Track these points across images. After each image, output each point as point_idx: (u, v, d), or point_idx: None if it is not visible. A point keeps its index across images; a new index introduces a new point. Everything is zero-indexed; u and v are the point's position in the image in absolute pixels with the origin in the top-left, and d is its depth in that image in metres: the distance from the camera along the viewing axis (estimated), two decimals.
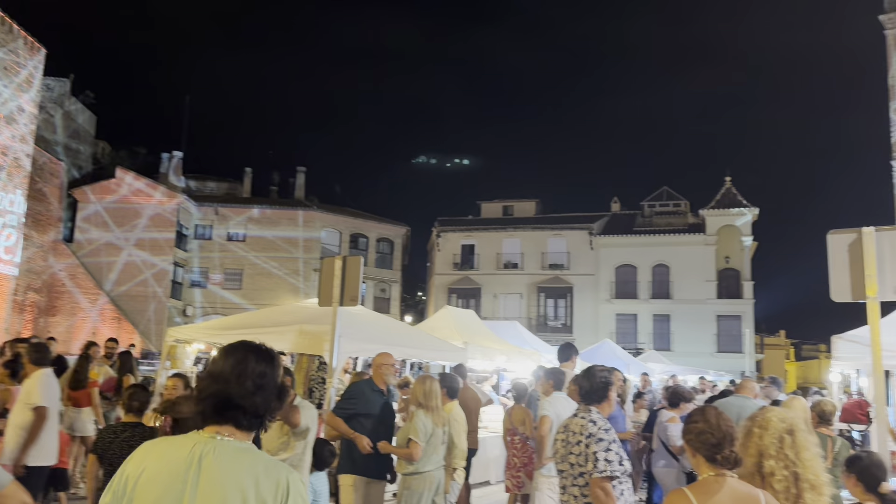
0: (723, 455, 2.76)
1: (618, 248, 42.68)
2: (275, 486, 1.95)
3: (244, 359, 2.05)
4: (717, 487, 2.69)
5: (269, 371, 2.07)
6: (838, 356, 6.74)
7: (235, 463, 1.95)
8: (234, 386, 2.00)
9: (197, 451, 1.95)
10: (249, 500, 1.90)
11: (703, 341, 39.72)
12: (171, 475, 1.93)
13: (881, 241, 5.35)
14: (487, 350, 11.98)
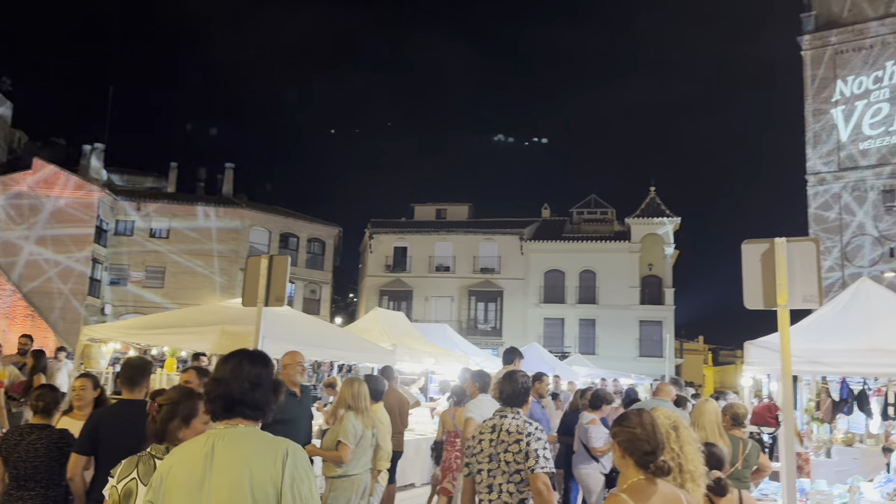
0: (656, 464, 2.87)
1: (547, 253, 43.43)
2: (273, 456, 2.32)
3: (240, 363, 2.45)
4: (651, 491, 2.83)
5: (263, 371, 2.47)
6: (750, 361, 7.02)
7: (240, 444, 2.34)
8: (234, 386, 2.40)
9: (210, 442, 2.34)
10: (253, 471, 2.28)
11: (627, 346, 40.84)
12: (192, 464, 2.32)
13: (792, 251, 5.53)
14: (416, 352, 11.98)
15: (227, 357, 2.50)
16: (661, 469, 2.86)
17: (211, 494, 2.26)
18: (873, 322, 6.90)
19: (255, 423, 2.42)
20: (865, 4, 38.98)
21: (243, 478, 2.26)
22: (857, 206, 37.88)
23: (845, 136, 38.58)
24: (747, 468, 5.67)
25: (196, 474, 2.29)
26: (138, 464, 2.97)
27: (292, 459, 2.33)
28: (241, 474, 2.27)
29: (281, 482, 2.28)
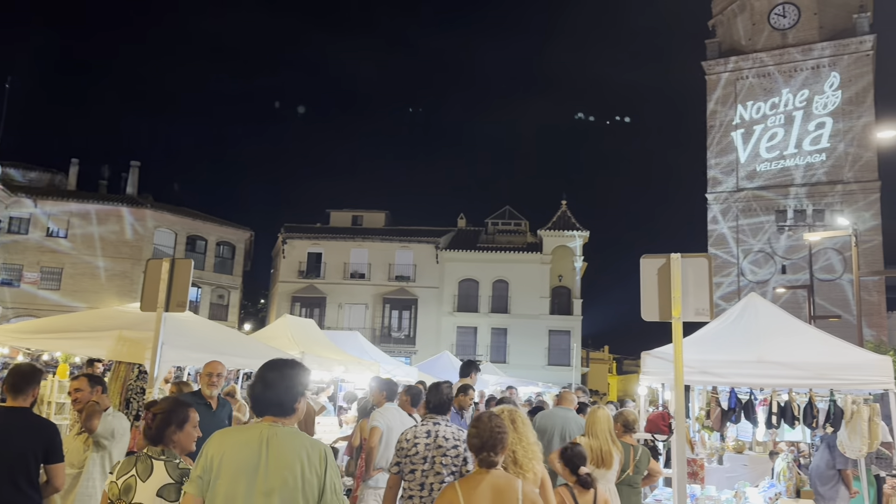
0: (480, 457, 3.44)
1: (462, 262, 43.82)
2: (318, 454, 2.87)
3: (276, 369, 2.98)
4: (480, 480, 3.36)
5: (297, 375, 2.99)
6: (647, 371, 7.30)
7: (292, 441, 2.85)
8: (281, 392, 2.91)
9: (265, 434, 2.83)
10: (305, 464, 2.80)
11: (536, 354, 41.65)
12: (248, 452, 2.80)
13: (686, 266, 5.76)
14: (325, 360, 11.77)
15: (268, 364, 3.01)
16: (484, 461, 3.41)
17: (268, 475, 2.77)
18: (760, 336, 7.31)
19: (291, 420, 2.95)
20: (764, 34, 41.50)
21: (296, 466, 2.79)
22: (753, 225, 40.13)
23: (744, 157, 40.85)
24: (638, 473, 5.87)
25: (253, 460, 2.79)
26: (137, 462, 3.33)
27: (330, 460, 2.90)
28: (295, 463, 2.80)
29: (325, 476, 2.85)
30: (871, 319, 35.20)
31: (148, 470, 3.28)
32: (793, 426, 7.50)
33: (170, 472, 3.29)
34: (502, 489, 3.31)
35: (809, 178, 38.98)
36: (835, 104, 38.74)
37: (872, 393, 7.96)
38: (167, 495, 3.22)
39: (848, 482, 7.42)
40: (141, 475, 3.27)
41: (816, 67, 39.56)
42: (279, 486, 2.74)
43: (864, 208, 37.23)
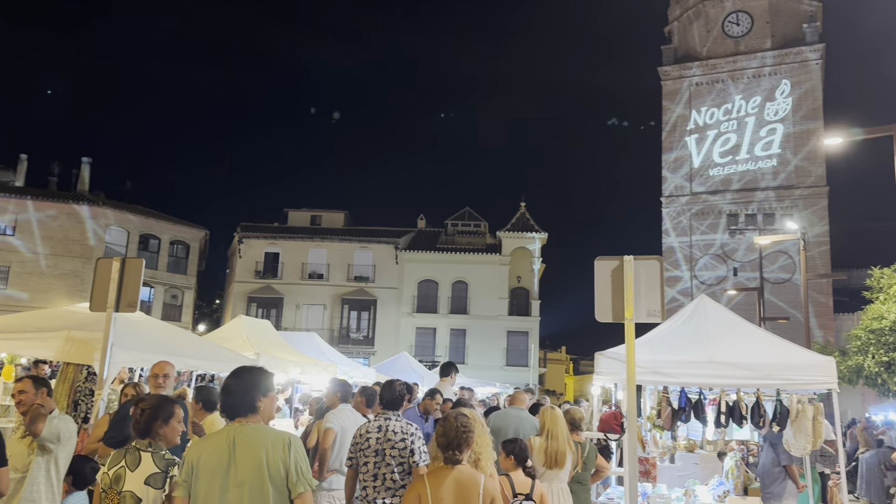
0: (446, 455, 3.77)
1: (421, 263, 43.81)
2: (281, 443, 3.22)
3: (248, 376, 3.38)
4: (446, 475, 3.72)
5: (255, 377, 3.38)
6: (600, 371, 7.40)
7: (256, 435, 3.22)
8: (239, 396, 3.31)
9: (231, 435, 3.22)
10: (269, 453, 3.16)
11: (495, 355, 41.88)
12: (219, 451, 3.18)
13: (639, 268, 5.84)
14: (281, 362, 11.65)
15: (235, 372, 3.42)
16: (449, 459, 3.75)
17: (238, 472, 3.13)
18: (710, 337, 7.47)
19: (257, 418, 3.31)
20: (718, 41, 42.45)
21: (261, 457, 3.14)
22: (705, 228, 41.02)
23: (697, 162, 41.72)
24: (586, 471, 5.96)
25: (223, 459, 3.16)
26: (126, 455, 3.62)
27: (294, 446, 3.23)
28: (260, 454, 3.15)
29: (289, 460, 3.18)
30: (820, 321, 36.29)
31: (136, 461, 3.59)
32: (741, 425, 7.69)
33: (156, 463, 3.59)
34: (465, 484, 3.68)
35: (760, 182, 40.00)
36: (785, 111, 39.83)
37: (817, 392, 8.22)
38: (154, 483, 3.54)
39: (794, 477, 7.64)
40: (130, 466, 3.57)
41: (768, 75, 40.63)
42: (249, 477, 3.12)
43: (813, 213, 38.35)
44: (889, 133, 12.48)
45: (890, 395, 15.90)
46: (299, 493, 3.17)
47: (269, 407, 3.37)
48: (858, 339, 16.12)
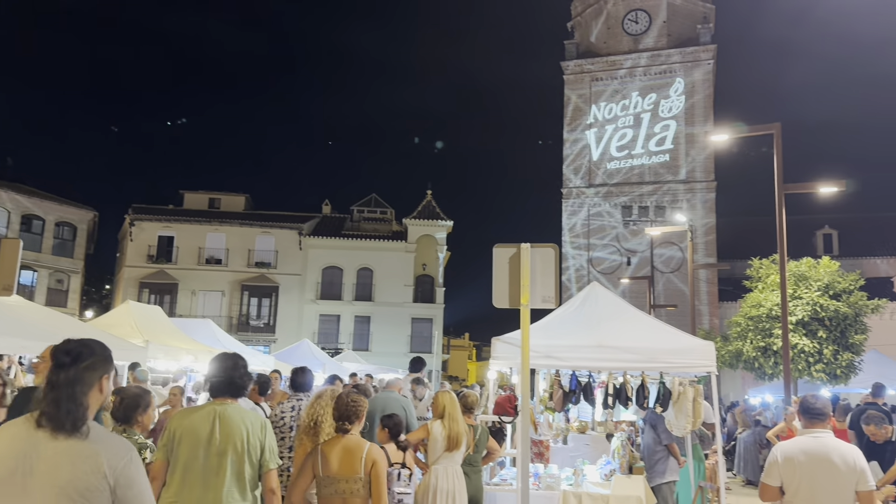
0: (338, 425, 4.46)
1: (326, 249, 43.22)
2: (259, 424, 3.76)
3: (230, 361, 3.89)
4: (337, 442, 4.40)
5: (240, 364, 3.89)
6: (496, 356, 7.57)
7: (239, 415, 3.70)
8: (222, 377, 3.81)
9: (217, 411, 3.69)
10: (249, 432, 3.66)
11: (399, 342, 41.98)
12: (202, 424, 3.64)
13: (535, 256, 5.97)
14: (172, 349, 11.25)
15: (217, 357, 3.94)
16: (340, 429, 4.44)
17: (219, 444, 3.60)
18: (600, 322, 7.77)
19: (236, 400, 3.81)
20: (619, 39, 43.97)
21: (242, 434, 3.63)
22: (602, 220, 42.57)
23: (596, 155, 43.18)
24: (478, 452, 6.09)
25: (206, 431, 3.62)
26: None
27: (268, 428, 3.77)
28: (241, 431, 3.64)
29: (265, 440, 3.72)
30: (706, 309, 38.47)
31: None
32: (626, 406, 8.04)
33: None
34: (352, 449, 4.34)
35: (654, 176, 41.86)
36: (679, 108, 41.78)
37: (698, 375, 8.71)
38: None
39: (676, 455, 8.08)
40: None
41: (663, 73, 42.45)
42: (230, 449, 3.59)
43: (702, 206, 40.52)
44: (770, 131, 13.29)
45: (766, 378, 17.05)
46: (269, 469, 3.73)
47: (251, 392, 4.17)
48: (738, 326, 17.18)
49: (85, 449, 2.30)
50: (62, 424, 2.30)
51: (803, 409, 4.49)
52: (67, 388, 2.35)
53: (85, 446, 2.31)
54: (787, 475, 4.31)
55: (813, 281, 15.77)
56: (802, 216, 38.47)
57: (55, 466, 2.26)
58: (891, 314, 32.51)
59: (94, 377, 2.45)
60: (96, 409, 2.50)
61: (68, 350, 2.45)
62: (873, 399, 10.33)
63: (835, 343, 15.14)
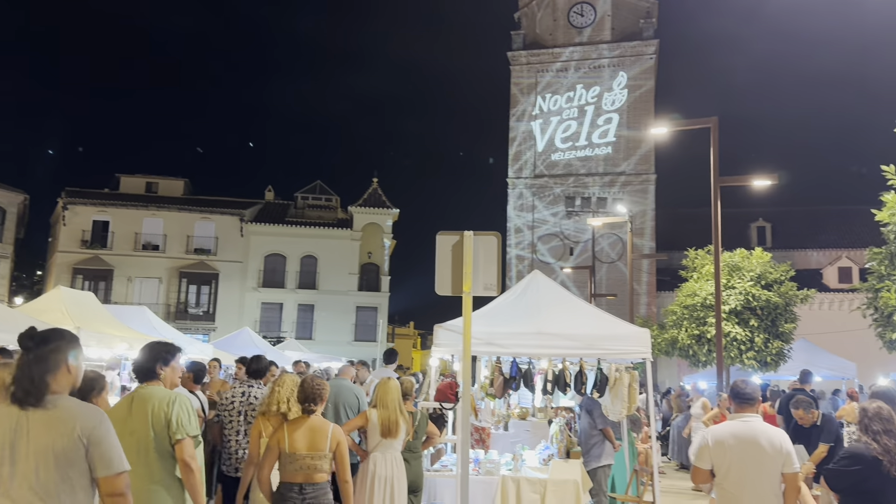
0: (303, 406, 4.80)
1: (269, 236, 42.55)
2: (167, 400, 3.91)
3: (143, 348, 4.18)
4: (302, 422, 4.74)
5: (153, 350, 4.15)
6: (438, 343, 7.59)
7: (149, 394, 3.94)
8: (136, 363, 4.12)
9: (133, 394, 4.02)
10: (155, 407, 3.86)
11: (343, 330, 41.73)
12: (122, 408, 3.95)
13: (478, 244, 5.98)
14: (105, 336, 10.87)
15: (147, 345, 4.21)
16: (306, 410, 4.77)
17: (132, 420, 3.84)
18: (541, 310, 7.86)
19: (153, 384, 4.03)
20: (564, 31, 44.39)
21: (148, 413, 3.85)
22: (546, 209, 43.10)
23: (541, 146, 43.63)
24: (418, 439, 6.11)
25: (124, 413, 3.87)
26: None
27: (177, 402, 3.92)
28: (147, 411, 3.85)
29: (170, 414, 3.86)
30: (644, 299, 39.42)
31: None
32: (565, 392, 8.17)
33: None
34: (316, 429, 4.69)
35: (597, 168, 42.56)
36: (621, 101, 42.51)
37: (634, 362, 8.91)
38: None
39: (611, 439, 8.27)
40: None
41: (607, 66, 43.10)
42: (139, 427, 3.81)
43: (642, 198, 41.42)
44: (707, 125, 13.62)
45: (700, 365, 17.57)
46: (177, 440, 3.82)
47: (172, 375, 4.15)
48: (674, 315, 17.65)
49: (59, 416, 2.72)
50: (26, 399, 2.72)
51: (733, 395, 4.63)
52: (28, 368, 2.75)
53: (59, 414, 2.73)
54: (717, 458, 4.44)
55: (746, 271, 16.31)
56: (738, 209, 39.71)
57: (34, 434, 2.68)
58: (819, 304, 33.97)
59: (59, 359, 2.83)
60: (68, 388, 2.86)
61: (31, 336, 2.84)
62: (801, 385, 10.76)
63: (766, 331, 15.72)
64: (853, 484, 4.40)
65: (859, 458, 4.39)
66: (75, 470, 2.70)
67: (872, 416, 4.43)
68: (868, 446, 4.37)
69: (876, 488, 4.25)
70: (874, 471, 4.26)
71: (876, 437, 4.33)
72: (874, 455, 4.30)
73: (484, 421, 9.73)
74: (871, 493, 4.28)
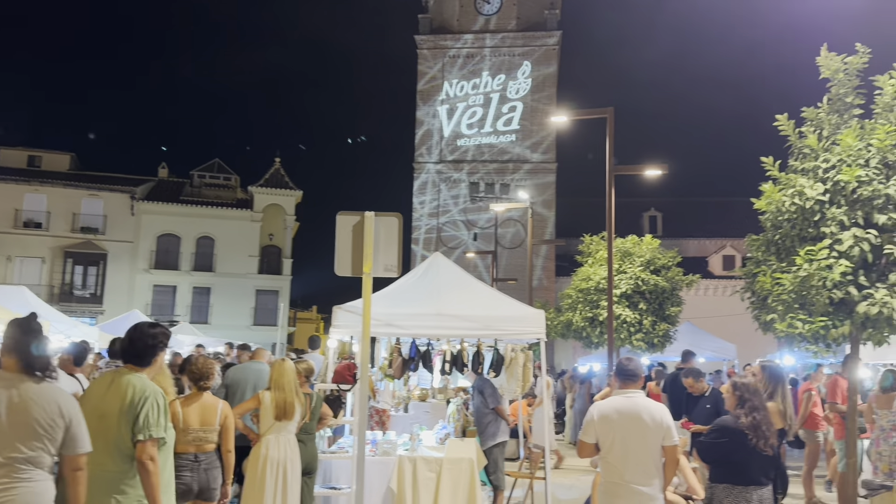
0: (198, 385, 5.26)
1: (162, 215, 40.81)
2: (141, 393, 3.75)
3: (134, 330, 4.01)
4: (195, 399, 5.20)
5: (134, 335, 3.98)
6: (337, 324, 7.53)
7: (128, 381, 3.78)
8: (126, 344, 3.96)
9: (113, 376, 3.85)
10: (130, 395, 3.72)
11: (242, 314, 40.69)
12: (99, 387, 3.85)
13: (378, 224, 5.96)
14: None
15: (142, 325, 4.06)
16: (202, 388, 5.25)
17: (104, 402, 3.73)
18: (441, 291, 7.94)
19: (136, 369, 3.89)
20: (471, 17, 44.66)
21: (123, 401, 3.72)
22: (451, 194, 43.48)
23: (447, 132, 43.88)
24: (313, 420, 6.07)
25: (101, 393, 3.79)
26: None
27: (151, 399, 3.78)
28: (123, 398, 3.73)
29: (140, 410, 3.73)
30: (544, 283, 40.55)
31: None
32: (462, 372, 8.31)
33: None
34: (208, 406, 5.16)
35: (501, 155, 43.27)
36: (525, 90, 43.30)
37: (530, 342, 9.17)
38: None
39: (504, 417, 8.48)
40: None
41: (512, 55, 43.75)
42: (110, 411, 3.73)
43: (543, 185, 42.47)
44: (604, 115, 14.10)
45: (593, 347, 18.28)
46: (139, 440, 3.66)
47: (158, 363, 4.07)
48: (570, 298, 18.25)
49: (48, 394, 3.20)
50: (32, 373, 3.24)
51: (618, 372, 4.85)
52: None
53: (48, 391, 3.21)
54: (601, 432, 4.64)
55: (636, 257, 17.06)
56: (633, 199, 41.36)
57: (28, 405, 3.13)
58: (704, 290, 36.07)
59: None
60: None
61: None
62: (683, 364, 11.40)
63: (653, 314, 16.53)
64: (721, 455, 4.71)
65: (726, 431, 4.70)
66: None
67: (753, 391, 4.76)
68: (737, 420, 4.68)
69: (742, 460, 4.56)
70: (740, 444, 4.57)
71: (752, 411, 4.64)
72: (741, 429, 4.61)
73: (383, 403, 9.78)
74: (736, 464, 4.60)
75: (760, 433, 4.57)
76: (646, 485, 4.47)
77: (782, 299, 6.99)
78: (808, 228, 7.08)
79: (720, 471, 4.72)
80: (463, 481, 7.04)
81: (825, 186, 7.02)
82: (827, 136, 7.49)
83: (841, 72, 7.61)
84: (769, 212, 7.49)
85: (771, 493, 4.59)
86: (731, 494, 4.55)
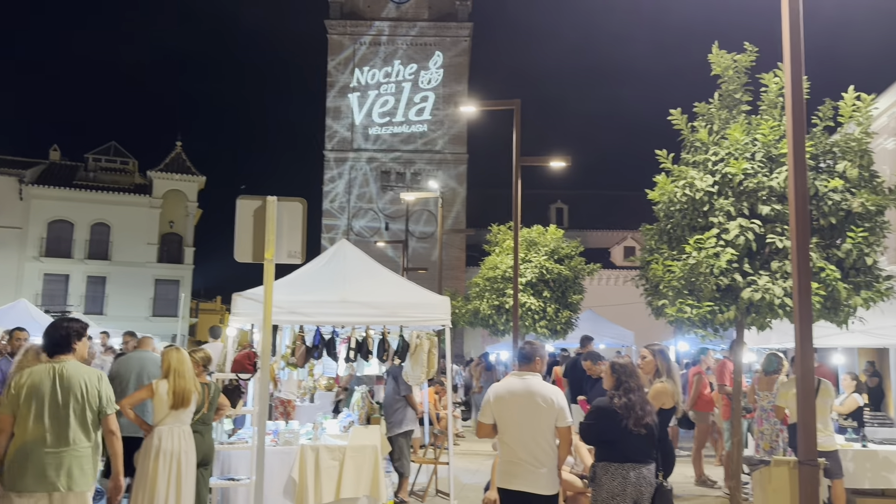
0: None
1: (53, 201, 38.57)
2: (96, 377, 4.37)
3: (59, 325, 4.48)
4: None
5: (78, 328, 4.48)
6: (237, 312, 7.35)
7: (76, 370, 4.30)
8: (54, 336, 4.41)
9: (57, 368, 4.27)
10: (87, 384, 4.26)
11: (140, 305, 39.05)
12: (43, 381, 4.21)
13: (282, 210, 5.83)
14: None
15: (59, 321, 4.47)
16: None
17: (62, 393, 4.15)
18: (346, 278, 7.88)
19: (72, 357, 4.32)
20: (383, 5, 44.27)
21: (83, 388, 4.22)
22: (363, 182, 43.12)
23: (358, 120, 43.43)
24: (211, 410, 5.91)
25: (48, 386, 4.16)
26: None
27: (104, 380, 4.35)
28: (82, 385, 4.22)
29: (101, 391, 4.29)
30: (454, 272, 40.87)
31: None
32: (367, 360, 8.28)
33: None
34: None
35: (412, 144, 43.24)
36: (437, 80, 43.39)
37: (435, 329, 9.23)
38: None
39: (413, 405, 8.53)
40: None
41: (424, 44, 43.72)
42: (72, 400, 4.13)
43: (454, 175, 42.77)
44: (511, 107, 14.31)
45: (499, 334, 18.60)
46: (107, 414, 4.28)
47: (82, 349, 4.42)
48: (477, 286, 18.48)
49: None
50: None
51: (517, 355, 4.96)
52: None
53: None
54: (498, 413, 4.74)
55: (541, 246, 17.46)
56: (541, 191, 42.24)
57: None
58: (606, 280, 37.36)
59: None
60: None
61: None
62: (581, 349, 11.80)
63: (557, 302, 16.97)
64: (597, 435, 4.90)
65: (601, 412, 4.89)
66: None
67: (630, 373, 4.95)
68: (611, 401, 4.86)
69: (615, 438, 4.74)
70: (614, 423, 4.75)
71: (626, 393, 4.82)
72: (614, 409, 4.79)
73: (288, 392, 9.61)
74: (612, 443, 4.78)
75: (633, 413, 4.73)
76: (540, 464, 4.59)
77: (672, 286, 7.32)
78: (698, 218, 7.44)
79: (600, 450, 4.91)
80: (366, 468, 7.03)
81: (714, 178, 7.38)
82: (717, 130, 7.88)
83: (731, 69, 8.01)
84: (662, 202, 7.82)
85: (652, 472, 4.76)
86: (609, 472, 4.71)
